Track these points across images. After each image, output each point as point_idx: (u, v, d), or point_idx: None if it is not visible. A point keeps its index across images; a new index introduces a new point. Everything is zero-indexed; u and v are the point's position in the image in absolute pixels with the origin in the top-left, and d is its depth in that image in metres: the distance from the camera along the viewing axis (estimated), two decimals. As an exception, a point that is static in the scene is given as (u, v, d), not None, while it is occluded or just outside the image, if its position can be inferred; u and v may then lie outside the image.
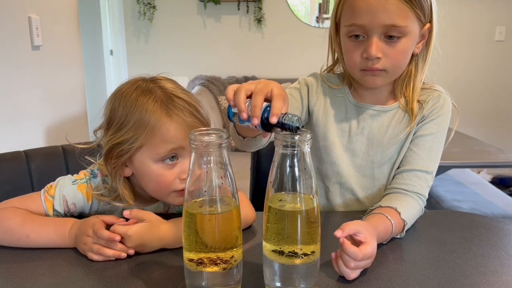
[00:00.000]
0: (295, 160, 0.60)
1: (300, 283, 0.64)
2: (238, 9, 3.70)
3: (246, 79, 3.66)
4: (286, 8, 3.72)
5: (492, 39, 3.73)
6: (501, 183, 3.34)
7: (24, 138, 1.76)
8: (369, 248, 0.72)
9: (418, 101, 0.97)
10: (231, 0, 3.67)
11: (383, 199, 0.92)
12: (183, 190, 0.82)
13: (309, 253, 0.63)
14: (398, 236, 0.86)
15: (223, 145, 0.60)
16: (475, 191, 2.76)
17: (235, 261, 0.63)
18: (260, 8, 3.69)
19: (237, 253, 0.63)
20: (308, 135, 0.61)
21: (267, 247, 0.64)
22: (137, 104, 0.83)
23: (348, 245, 0.70)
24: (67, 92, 2.13)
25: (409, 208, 0.89)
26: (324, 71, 1.07)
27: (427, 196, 0.95)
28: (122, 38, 3.87)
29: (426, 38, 0.94)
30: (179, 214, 0.77)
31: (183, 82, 3.73)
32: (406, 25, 0.87)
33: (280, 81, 3.56)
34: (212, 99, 3.28)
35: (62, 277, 0.73)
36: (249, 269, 0.72)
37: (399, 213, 0.85)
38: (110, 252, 0.76)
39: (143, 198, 0.92)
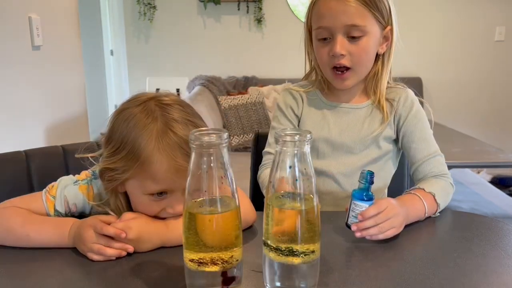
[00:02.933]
0: (295, 160, 0.60)
1: (300, 283, 0.65)
2: (238, 9, 3.70)
3: (246, 79, 3.66)
4: (286, 8, 3.72)
5: (491, 39, 3.73)
6: (501, 183, 3.34)
7: (24, 138, 1.76)
8: (380, 201, 0.82)
9: (387, 99, 1.08)
10: (231, 0, 3.67)
11: None
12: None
13: (309, 252, 0.63)
14: (435, 214, 0.94)
15: (223, 145, 0.60)
16: (475, 191, 2.77)
17: (235, 261, 0.63)
18: (260, 8, 3.69)
19: (237, 253, 0.63)
20: (308, 135, 0.61)
21: (267, 246, 0.64)
22: (135, 131, 0.79)
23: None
24: (67, 92, 2.13)
25: (433, 184, 0.98)
26: (304, 78, 1.17)
27: (447, 172, 1.04)
28: (122, 38, 3.87)
29: (390, 40, 1.04)
30: None
31: (183, 82, 3.73)
32: (365, 25, 0.98)
33: (280, 81, 3.57)
34: (212, 99, 3.28)
35: (62, 277, 0.73)
36: (249, 269, 0.72)
37: (423, 189, 0.95)
38: (110, 251, 0.76)
39: None
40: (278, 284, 0.65)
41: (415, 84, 3.67)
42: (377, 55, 1.05)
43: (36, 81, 1.86)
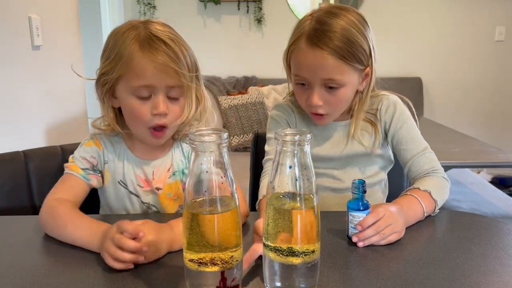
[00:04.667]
0: (295, 159, 0.60)
1: (300, 283, 0.64)
2: (238, 9, 3.70)
3: (246, 79, 3.66)
4: (286, 8, 3.72)
5: (492, 39, 3.72)
6: (501, 183, 3.34)
7: (23, 138, 1.76)
8: (378, 209, 0.82)
9: (369, 111, 1.09)
10: (231, 0, 3.67)
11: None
12: (157, 127, 0.94)
13: (309, 252, 0.63)
14: (434, 213, 0.95)
15: (223, 145, 0.60)
16: (475, 191, 2.76)
17: (235, 261, 0.63)
18: (260, 8, 3.68)
19: (237, 253, 0.63)
20: (308, 135, 0.61)
21: (267, 246, 0.64)
22: (121, 39, 0.92)
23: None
24: (67, 92, 2.13)
25: (427, 182, 0.98)
26: (288, 94, 1.17)
27: (440, 167, 1.04)
28: (122, 38, 3.87)
29: (370, 76, 1.03)
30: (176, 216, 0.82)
31: (183, 82, 3.73)
32: (342, 78, 0.97)
33: (280, 81, 3.56)
34: (212, 99, 3.28)
35: (64, 277, 0.72)
36: (250, 269, 0.71)
37: (418, 188, 0.95)
38: (128, 257, 0.72)
39: (138, 150, 1.02)
40: (278, 284, 0.65)
41: (415, 84, 3.67)
42: (356, 91, 1.05)
43: (35, 81, 1.86)
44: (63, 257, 0.80)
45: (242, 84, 3.62)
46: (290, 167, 0.61)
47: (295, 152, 0.60)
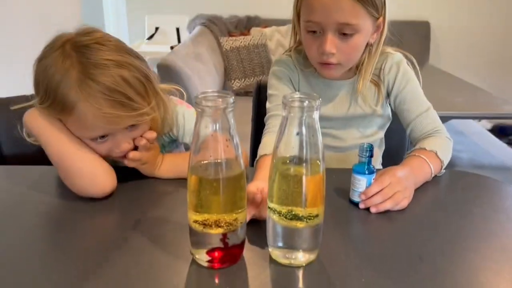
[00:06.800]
0: (303, 127, 0.59)
1: (302, 244, 0.65)
2: None
3: (248, 19, 3.53)
4: None
5: (506, -18, 3.56)
6: (500, 131, 3.34)
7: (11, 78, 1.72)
8: (382, 177, 0.82)
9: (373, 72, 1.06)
10: None
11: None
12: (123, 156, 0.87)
13: (313, 216, 0.63)
14: (440, 173, 0.95)
15: (229, 109, 0.58)
16: (475, 141, 2.77)
17: (239, 223, 0.64)
18: None
19: (241, 215, 0.64)
20: (318, 101, 0.58)
21: (271, 209, 0.64)
22: (54, 82, 0.78)
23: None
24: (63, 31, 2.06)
25: (432, 142, 0.97)
26: (289, 50, 1.12)
27: (442, 127, 1.03)
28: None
29: (381, 29, 0.99)
30: None
31: (183, 21, 3.60)
32: (358, 23, 0.93)
33: (284, 21, 3.44)
34: (213, 40, 3.18)
35: (63, 232, 0.73)
36: (254, 229, 0.72)
37: (424, 148, 0.94)
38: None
39: None
40: (280, 244, 0.66)
41: (423, 28, 3.55)
42: (367, 44, 1.01)
43: (30, 16, 1.79)
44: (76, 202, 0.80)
45: (244, 24, 3.50)
46: (297, 133, 0.59)
47: (303, 118, 0.58)
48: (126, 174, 0.89)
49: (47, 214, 0.80)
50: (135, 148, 0.87)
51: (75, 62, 0.78)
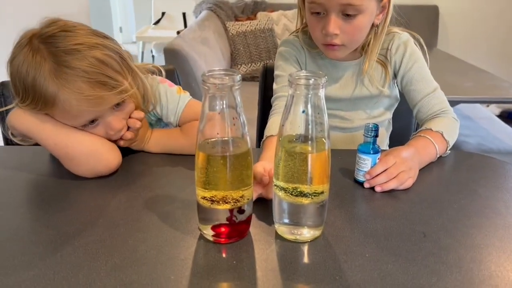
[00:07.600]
0: (309, 105, 0.59)
1: (307, 221, 0.66)
2: None
3: (255, 3, 3.51)
4: None
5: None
6: (509, 117, 3.32)
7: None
8: (387, 157, 0.82)
9: (379, 52, 1.06)
10: None
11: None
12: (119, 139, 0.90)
13: (318, 193, 0.64)
14: (445, 154, 0.96)
15: (236, 87, 0.59)
16: (482, 126, 2.75)
17: (246, 199, 0.65)
18: None
19: (247, 192, 0.65)
20: (323, 79, 0.59)
21: (277, 186, 0.65)
22: (30, 79, 0.78)
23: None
24: (71, 16, 2.06)
25: (438, 123, 0.97)
26: (296, 32, 1.13)
27: (449, 107, 1.03)
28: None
29: (386, 9, 0.99)
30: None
31: (190, 5, 3.58)
32: (361, 4, 0.92)
33: (290, 6, 3.41)
34: (219, 25, 3.17)
35: (71, 210, 0.75)
36: (260, 208, 0.73)
37: (430, 129, 0.95)
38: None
39: None
40: (286, 221, 0.67)
41: (431, 13, 3.51)
42: (372, 25, 1.01)
43: (38, 3, 1.79)
44: (82, 180, 0.82)
45: (251, 9, 3.49)
46: (303, 111, 0.60)
47: (309, 96, 0.59)
48: (128, 151, 0.93)
49: (52, 192, 0.82)
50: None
51: (46, 53, 0.78)
